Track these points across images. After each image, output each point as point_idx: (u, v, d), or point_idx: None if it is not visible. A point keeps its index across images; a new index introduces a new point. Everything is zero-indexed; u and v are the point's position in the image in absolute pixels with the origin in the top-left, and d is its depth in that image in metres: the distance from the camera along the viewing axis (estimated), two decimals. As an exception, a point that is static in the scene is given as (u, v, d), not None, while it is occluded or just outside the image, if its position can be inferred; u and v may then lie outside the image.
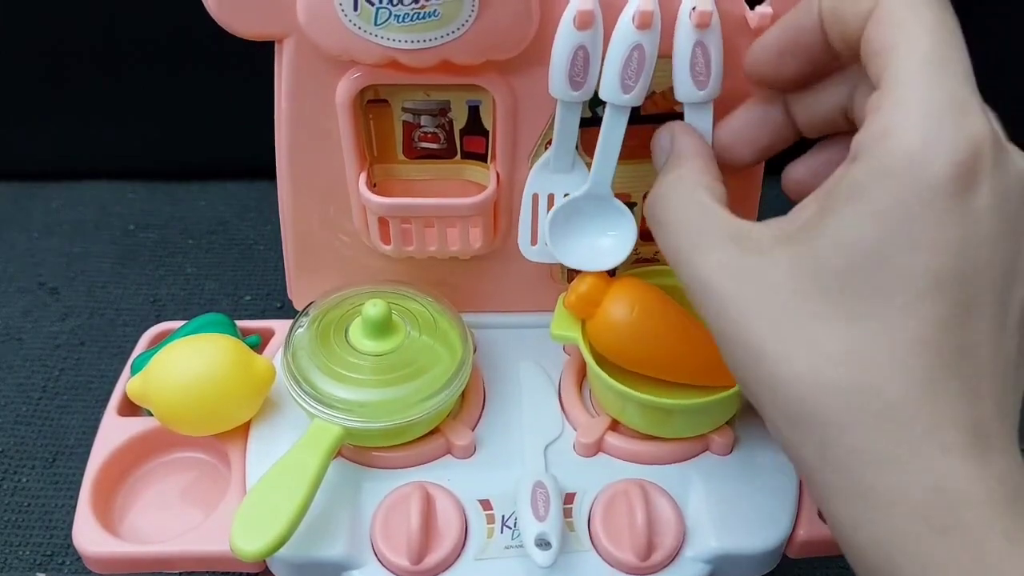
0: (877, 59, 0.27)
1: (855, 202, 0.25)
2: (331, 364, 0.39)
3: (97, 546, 0.38)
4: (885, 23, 0.27)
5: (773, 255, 0.27)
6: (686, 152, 0.34)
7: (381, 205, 0.41)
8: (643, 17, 0.35)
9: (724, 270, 0.28)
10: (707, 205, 0.31)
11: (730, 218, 0.30)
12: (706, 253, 0.29)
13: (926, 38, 0.26)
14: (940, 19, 0.27)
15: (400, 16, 0.35)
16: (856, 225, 0.25)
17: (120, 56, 0.70)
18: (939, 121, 0.25)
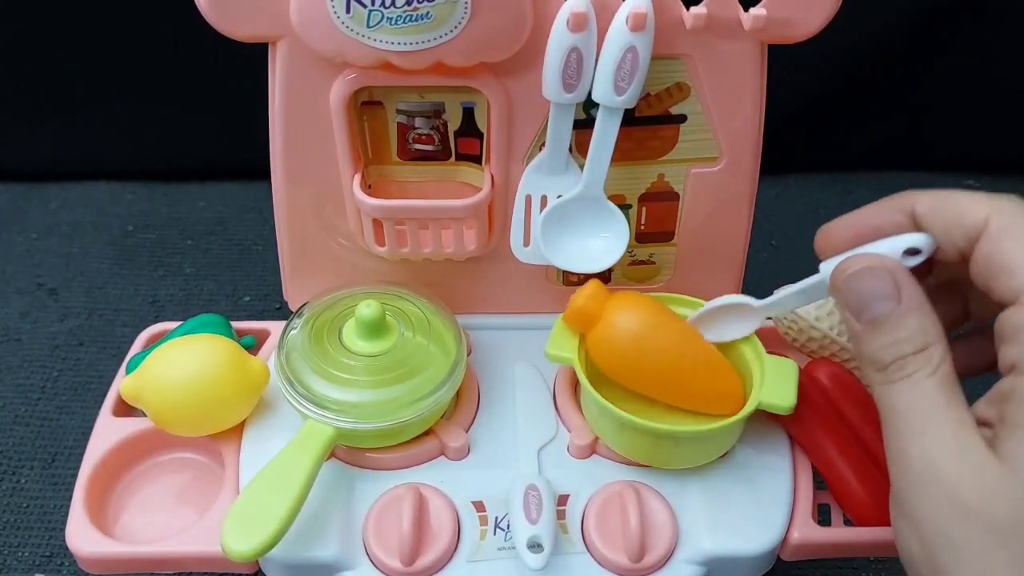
0: (1009, 277, 0.28)
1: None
2: (324, 365, 0.39)
3: (91, 547, 0.38)
4: (1007, 242, 0.29)
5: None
6: (931, 332, 0.30)
7: (376, 207, 0.41)
8: (636, 19, 0.35)
9: (950, 458, 0.28)
10: (960, 412, 0.29)
11: (969, 418, 0.29)
12: (934, 439, 0.28)
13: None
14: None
15: (392, 18, 0.35)
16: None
17: (119, 58, 0.70)
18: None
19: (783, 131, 0.56)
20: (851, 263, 0.31)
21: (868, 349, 0.30)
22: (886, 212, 0.32)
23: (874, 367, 0.30)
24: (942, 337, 0.30)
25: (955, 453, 0.28)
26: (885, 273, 0.30)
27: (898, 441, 0.29)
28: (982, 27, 0.71)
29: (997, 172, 0.79)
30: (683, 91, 0.40)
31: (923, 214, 0.31)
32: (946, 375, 0.29)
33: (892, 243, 0.31)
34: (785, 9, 0.37)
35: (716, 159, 0.42)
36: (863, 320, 0.30)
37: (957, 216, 0.30)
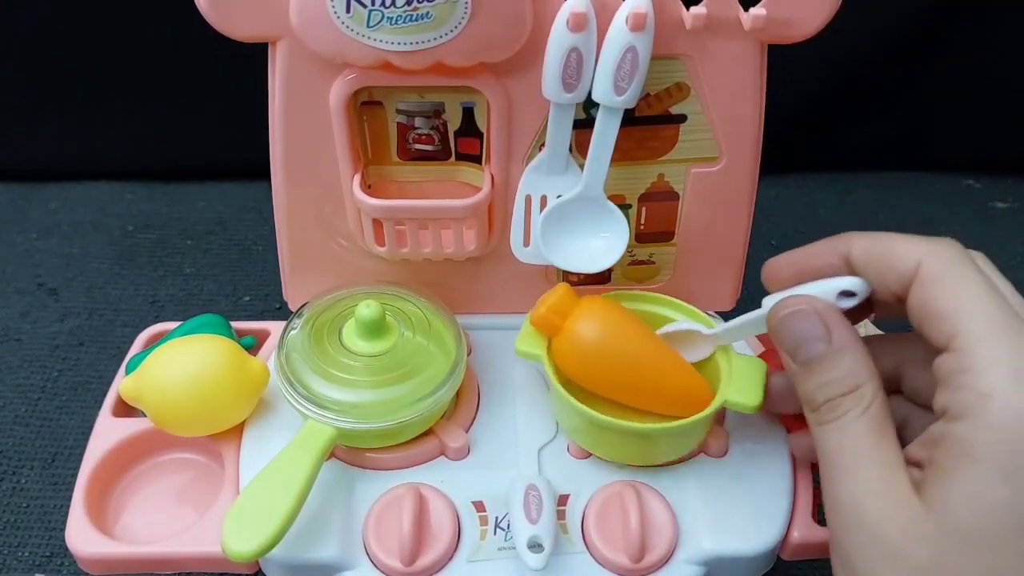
0: (941, 323, 0.29)
1: (975, 464, 0.27)
2: (324, 365, 0.39)
3: (90, 547, 0.38)
4: (939, 288, 0.29)
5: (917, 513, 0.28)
6: (862, 373, 0.30)
7: (375, 207, 0.41)
8: (636, 19, 0.35)
9: (876, 499, 0.29)
10: (888, 453, 0.29)
11: (897, 459, 0.29)
12: (862, 481, 0.29)
13: (987, 301, 0.28)
14: (985, 280, 0.29)
15: (393, 18, 0.35)
16: (986, 487, 0.26)
17: (119, 57, 0.70)
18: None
19: (783, 131, 0.56)
20: (785, 304, 0.32)
21: (803, 388, 0.31)
22: (824, 254, 0.33)
23: (808, 406, 0.31)
24: (873, 376, 0.30)
25: (880, 495, 0.28)
26: (815, 316, 0.31)
27: (829, 482, 0.30)
28: (982, 27, 0.71)
29: (997, 172, 0.79)
30: (683, 91, 0.40)
31: (857, 258, 0.32)
32: (876, 415, 0.30)
33: (827, 284, 0.32)
34: (785, 9, 0.37)
35: (716, 159, 0.42)
36: (798, 361, 0.32)
37: (890, 261, 0.31)
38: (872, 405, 0.30)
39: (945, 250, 0.30)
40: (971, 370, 0.27)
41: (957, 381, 0.28)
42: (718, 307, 0.47)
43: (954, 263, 0.29)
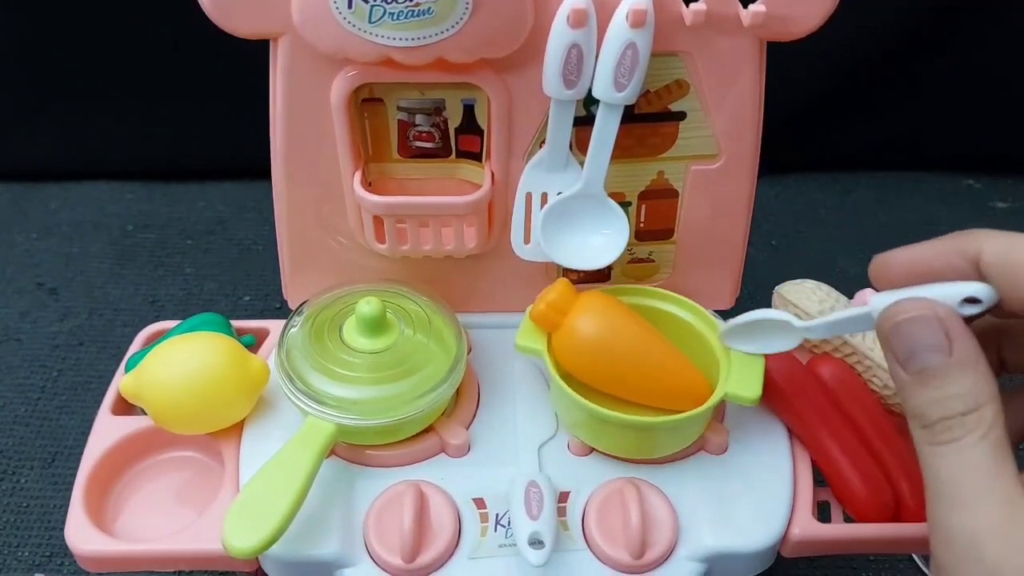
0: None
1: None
2: (325, 362, 0.39)
3: (90, 545, 0.38)
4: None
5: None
6: (984, 392, 0.27)
7: (376, 204, 0.41)
8: (636, 15, 0.35)
9: (998, 538, 0.26)
10: (1009, 487, 0.27)
11: (1019, 493, 0.27)
12: (982, 516, 0.26)
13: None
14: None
15: (394, 14, 0.35)
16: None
17: (119, 57, 0.70)
18: None
19: (783, 130, 0.56)
20: (901, 308, 0.29)
21: (914, 402, 0.28)
22: (948, 255, 0.30)
23: (919, 422, 0.28)
24: (995, 397, 0.27)
25: (1002, 534, 0.26)
26: (936, 323, 0.28)
27: (941, 511, 0.27)
28: (982, 27, 0.71)
29: (997, 172, 0.79)
30: (682, 88, 0.40)
31: (989, 263, 0.29)
32: (997, 440, 0.27)
33: (951, 289, 0.29)
34: (784, 6, 0.37)
35: (715, 156, 0.42)
36: (910, 370, 0.28)
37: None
38: (992, 429, 0.27)
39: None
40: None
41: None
42: (717, 305, 0.47)
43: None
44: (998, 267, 0.28)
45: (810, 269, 0.34)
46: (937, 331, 0.28)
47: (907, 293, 0.29)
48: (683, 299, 0.42)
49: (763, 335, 0.38)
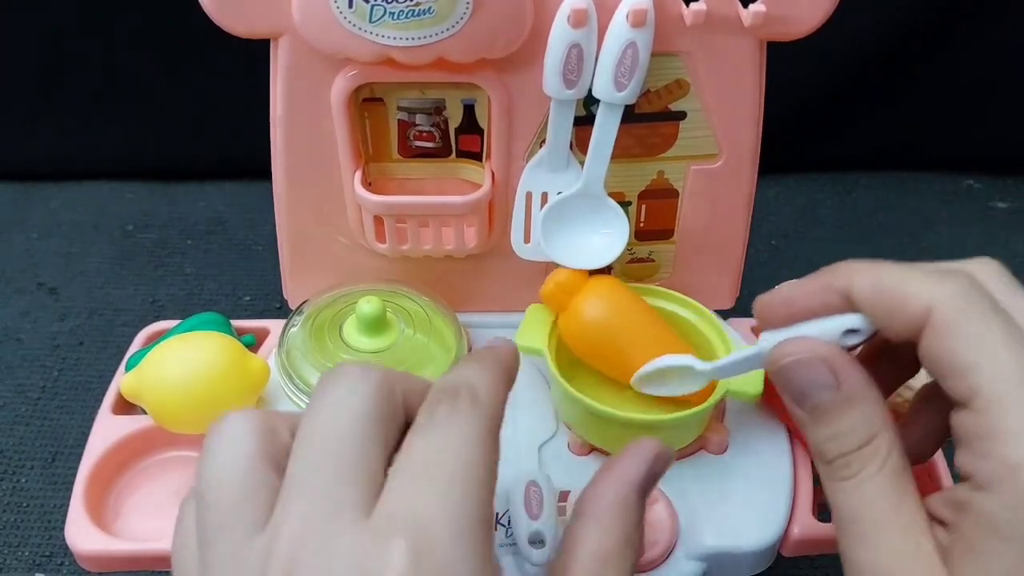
0: (959, 380, 0.26)
1: (1006, 543, 0.25)
2: (325, 361, 0.39)
3: (90, 544, 0.38)
4: (953, 340, 0.26)
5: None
6: (876, 422, 0.28)
7: (376, 204, 0.41)
8: (637, 15, 0.36)
9: (901, 570, 0.27)
10: (910, 515, 0.27)
11: (921, 521, 0.27)
12: (884, 547, 0.27)
13: (1010, 354, 0.25)
14: (1006, 325, 0.26)
15: (395, 13, 0.35)
16: (1015, 568, 0.24)
17: (119, 56, 0.70)
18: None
19: (783, 131, 0.56)
20: (784, 350, 0.29)
21: (813, 439, 0.29)
22: (820, 294, 0.30)
23: (820, 460, 0.29)
24: (887, 426, 0.28)
25: (906, 567, 0.26)
26: (821, 362, 0.28)
27: (849, 547, 0.27)
28: (982, 26, 0.71)
29: (997, 172, 0.79)
30: (682, 88, 0.40)
31: (860, 299, 0.29)
32: (894, 469, 0.27)
33: (829, 323, 0.29)
34: (784, 6, 0.37)
35: (715, 156, 0.42)
36: (805, 409, 0.29)
37: (896, 304, 0.28)
38: (889, 459, 0.27)
39: (958, 291, 0.27)
40: (995, 436, 0.25)
41: (980, 447, 0.25)
42: (717, 305, 0.47)
43: (970, 307, 0.26)
44: (869, 299, 0.28)
45: (810, 269, 0.34)
46: (822, 369, 0.28)
47: (791, 332, 0.30)
48: (683, 297, 0.42)
49: (672, 380, 0.38)
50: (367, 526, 0.23)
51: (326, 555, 0.22)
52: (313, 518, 0.23)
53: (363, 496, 0.24)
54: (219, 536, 0.24)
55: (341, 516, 0.23)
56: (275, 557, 0.23)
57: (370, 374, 0.26)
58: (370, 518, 0.23)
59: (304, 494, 0.24)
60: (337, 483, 0.24)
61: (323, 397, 0.26)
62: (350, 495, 0.23)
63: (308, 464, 0.24)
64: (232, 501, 0.24)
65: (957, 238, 0.72)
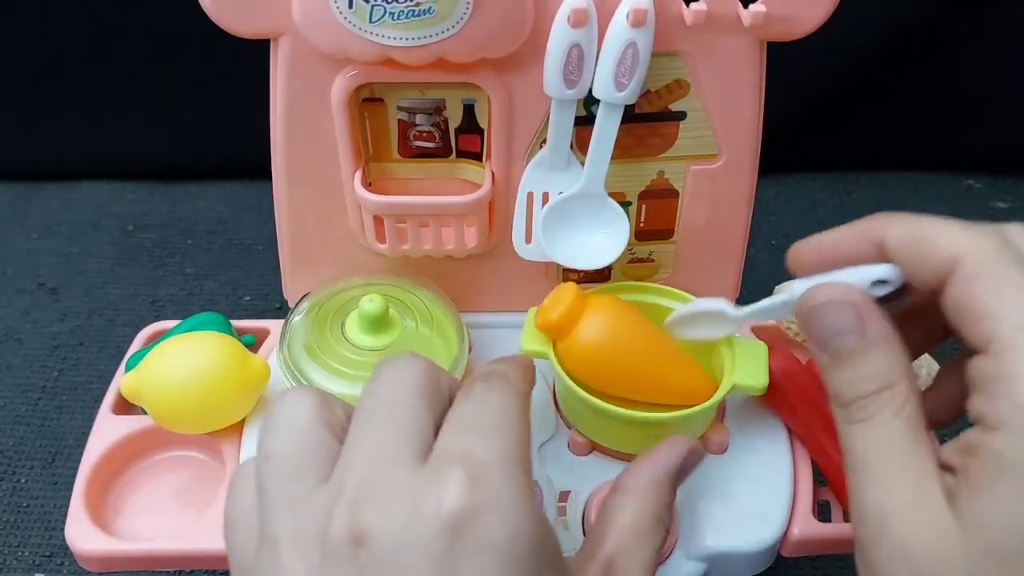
0: (978, 325, 0.27)
1: (1014, 480, 0.25)
2: (327, 358, 0.39)
3: (90, 544, 0.38)
4: (977, 287, 0.27)
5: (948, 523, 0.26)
6: (897, 370, 0.28)
7: (376, 203, 0.41)
8: (637, 15, 0.36)
9: (905, 512, 0.27)
10: (921, 461, 0.27)
11: (931, 468, 0.27)
12: (891, 490, 0.27)
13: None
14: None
15: (395, 13, 0.35)
16: (1019, 501, 0.25)
17: (119, 56, 0.70)
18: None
19: (783, 131, 0.56)
20: (815, 294, 0.30)
21: (832, 383, 0.29)
22: (854, 240, 0.31)
23: (837, 402, 0.29)
24: (908, 375, 0.28)
25: (911, 508, 0.27)
26: (849, 306, 0.29)
27: (857, 488, 0.28)
28: (983, 26, 0.71)
29: (997, 172, 0.79)
30: (683, 88, 0.40)
31: (893, 247, 0.30)
32: (910, 417, 0.28)
33: (860, 273, 0.30)
34: (784, 6, 0.37)
35: (715, 156, 0.42)
36: (828, 353, 0.29)
37: (926, 252, 0.28)
38: (906, 406, 0.28)
39: (987, 243, 0.27)
40: (1009, 378, 0.25)
41: (994, 388, 0.26)
42: (718, 305, 0.47)
43: (997, 258, 0.27)
44: (901, 247, 0.29)
45: (809, 270, 0.34)
46: (850, 313, 0.29)
47: (823, 279, 0.31)
48: (684, 295, 0.42)
49: (703, 324, 0.39)
50: (423, 467, 0.26)
51: (388, 492, 0.25)
52: (374, 466, 0.26)
53: (417, 449, 0.26)
54: (285, 488, 0.26)
55: (399, 463, 0.26)
56: (340, 501, 0.25)
57: (421, 359, 0.30)
58: (425, 464, 0.26)
59: (365, 448, 0.27)
60: (394, 437, 0.27)
61: (379, 376, 0.29)
62: (406, 447, 0.26)
63: (367, 424, 0.28)
64: (298, 455, 0.27)
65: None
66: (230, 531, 0.28)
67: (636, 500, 0.31)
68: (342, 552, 0.25)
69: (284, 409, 0.29)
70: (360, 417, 0.28)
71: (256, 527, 0.27)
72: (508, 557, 0.25)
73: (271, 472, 0.27)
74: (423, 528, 0.24)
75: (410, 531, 0.24)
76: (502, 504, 0.25)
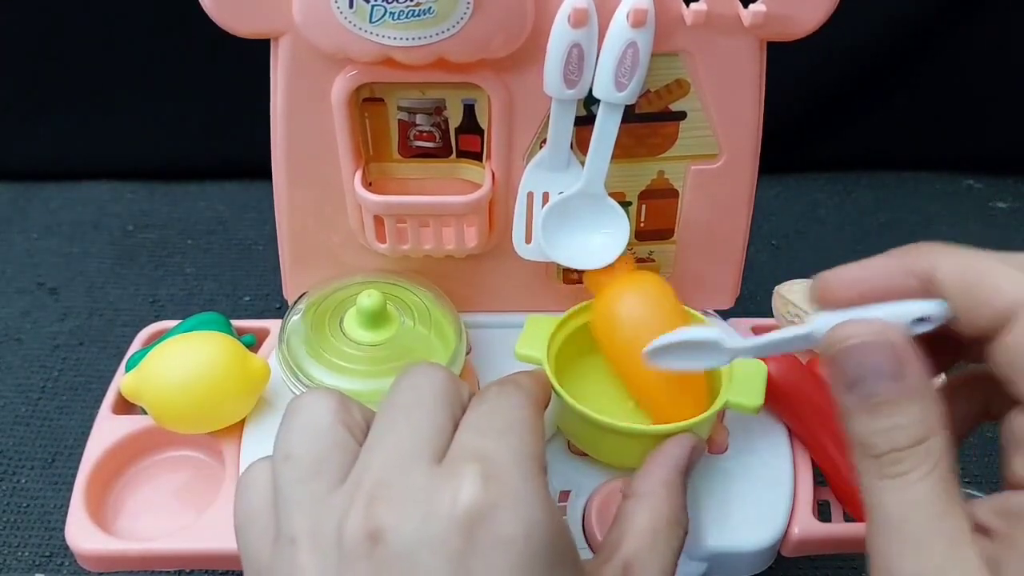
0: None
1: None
2: (326, 354, 0.39)
3: (90, 543, 0.38)
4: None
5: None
6: (933, 423, 0.26)
7: (376, 203, 0.41)
8: (637, 15, 0.36)
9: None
10: (956, 524, 0.25)
11: (966, 531, 0.25)
12: (926, 556, 0.25)
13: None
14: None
15: (395, 13, 0.35)
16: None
17: (119, 56, 0.70)
18: None
19: (783, 130, 0.56)
20: (850, 330, 0.27)
21: (860, 430, 0.27)
22: (898, 275, 0.28)
23: (865, 451, 0.27)
24: (942, 427, 0.26)
25: (948, 575, 0.25)
26: (889, 348, 0.26)
27: (884, 549, 0.26)
28: (983, 26, 0.71)
29: (997, 172, 0.79)
30: (683, 88, 0.40)
31: (945, 284, 0.27)
32: (944, 475, 0.25)
33: (900, 308, 0.27)
34: (784, 6, 0.37)
35: (716, 156, 0.42)
36: (858, 395, 0.27)
37: (985, 294, 0.26)
38: (939, 463, 0.25)
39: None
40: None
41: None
42: (717, 305, 0.47)
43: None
44: (955, 286, 0.27)
45: (810, 269, 0.33)
46: (889, 356, 0.26)
47: (854, 314, 0.27)
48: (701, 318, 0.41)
49: (690, 354, 0.34)
50: (439, 467, 0.26)
51: (404, 490, 0.25)
52: (391, 466, 0.26)
53: (434, 450, 0.27)
54: (303, 488, 0.27)
55: (416, 463, 0.26)
56: (356, 500, 0.25)
57: (440, 368, 0.30)
58: (441, 463, 0.26)
59: (382, 450, 0.27)
60: (412, 439, 0.27)
61: (399, 383, 0.30)
62: (423, 449, 0.27)
63: (386, 427, 0.28)
64: (317, 456, 0.27)
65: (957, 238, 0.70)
66: (243, 531, 0.28)
67: (651, 502, 0.32)
68: (358, 550, 0.25)
69: (304, 410, 0.29)
70: (379, 421, 0.29)
71: (271, 526, 0.27)
72: (523, 554, 0.25)
73: (290, 472, 0.27)
74: (439, 525, 0.25)
75: (426, 528, 0.25)
76: (518, 501, 0.25)
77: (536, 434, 0.29)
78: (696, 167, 0.42)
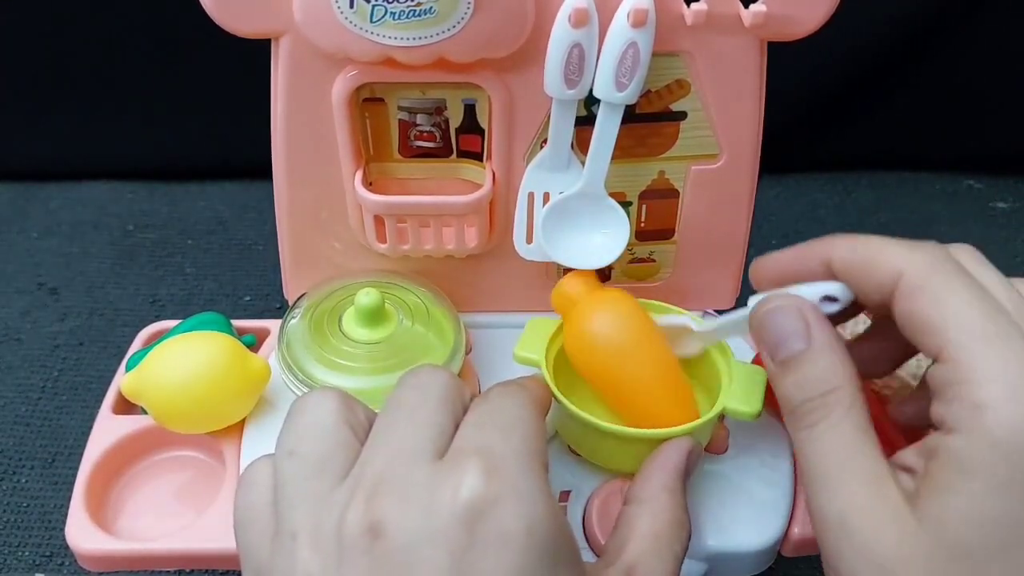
0: (928, 336, 0.28)
1: (971, 477, 0.26)
2: (325, 352, 0.39)
3: (90, 543, 0.38)
4: (922, 299, 0.28)
5: (908, 524, 0.27)
6: (841, 374, 0.29)
7: (377, 203, 0.41)
8: (638, 15, 0.36)
9: (864, 515, 0.28)
10: (873, 463, 0.28)
11: (884, 469, 0.28)
12: (847, 494, 0.28)
13: (973, 309, 0.27)
14: (971, 285, 0.28)
15: (396, 13, 0.35)
16: (982, 501, 0.26)
17: (119, 56, 0.70)
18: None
19: (783, 131, 0.56)
20: (768, 301, 0.32)
21: (781, 389, 0.31)
22: (807, 259, 0.32)
23: (786, 409, 0.30)
24: (853, 379, 0.29)
25: (869, 510, 0.27)
26: (796, 312, 0.31)
27: (814, 495, 0.29)
28: (983, 26, 0.71)
29: (997, 172, 0.79)
30: (683, 88, 0.40)
31: (837, 266, 0.31)
32: (857, 421, 0.29)
33: (811, 288, 0.32)
34: (785, 6, 0.37)
35: (716, 156, 0.42)
36: (777, 359, 0.31)
37: (869, 270, 0.30)
38: (852, 410, 0.29)
39: (926, 257, 0.29)
40: (960, 382, 0.27)
41: (950, 393, 0.27)
42: (718, 305, 0.47)
43: (936, 270, 0.28)
44: (845, 265, 0.31)
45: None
46: (797, 319, 0.30)
47: (776, 293, 0.32)
48: (672, 308, 0.41)
49: (673, 341, 0.38)
50: (441, 462, 0.27)
51: (405, 485, 0.26)
52: (392, 462, 0.27)
53: (436, 447, 0.27)
54: (306, 485, 0.27)
55: (417, 459, 0.27)
56: (357, 495, 0.26)
57: (444, 371, 0.31)
58: (443, 459, 0.27)
59: (384, 447, 0.28)
60: (414, 437, 0.28)
61: (403, 384, 0.30)
62: (425, 445, 0.27)
63: (388, 426, 0.29)
64: (321, 454, 0.28)
65: (957, 238, 0.70)
66: (242, 528, 0.28)
67: (653, 508, 0.32)
68: (359, 544, 0.25)
69: (308, 408, 0.29)
70: (382, 420, 0.29)
71: (271, 524, 0.27)
72: (524, 548, 0.25)
73: (293, 469, 0.28)
74: (439, 519, 0.25)
75: (427, 522, 0.25)
76: (519, 496, 0.25)
77: (538, 432, 0.29)
78: (696, 167, 0.42)
